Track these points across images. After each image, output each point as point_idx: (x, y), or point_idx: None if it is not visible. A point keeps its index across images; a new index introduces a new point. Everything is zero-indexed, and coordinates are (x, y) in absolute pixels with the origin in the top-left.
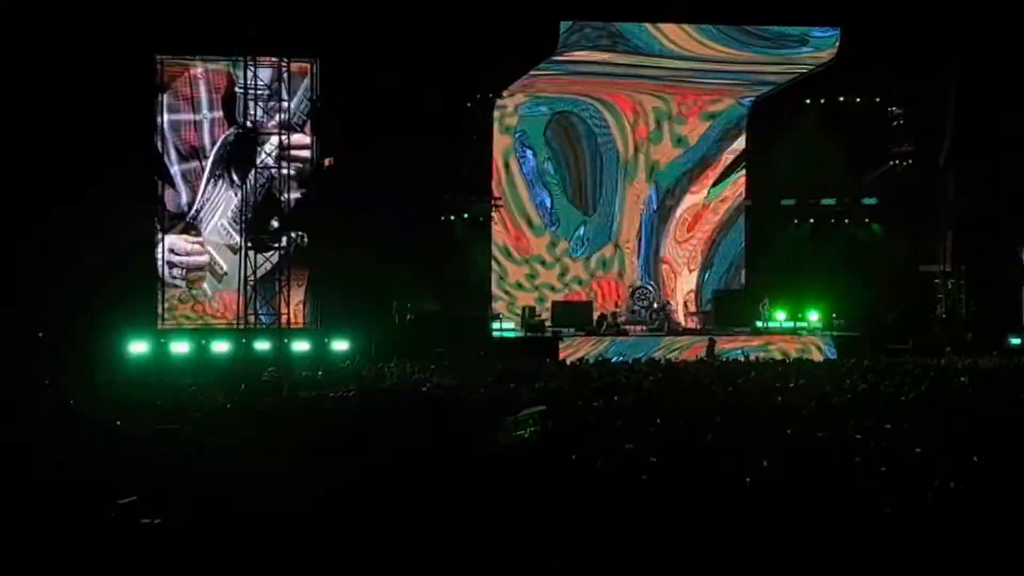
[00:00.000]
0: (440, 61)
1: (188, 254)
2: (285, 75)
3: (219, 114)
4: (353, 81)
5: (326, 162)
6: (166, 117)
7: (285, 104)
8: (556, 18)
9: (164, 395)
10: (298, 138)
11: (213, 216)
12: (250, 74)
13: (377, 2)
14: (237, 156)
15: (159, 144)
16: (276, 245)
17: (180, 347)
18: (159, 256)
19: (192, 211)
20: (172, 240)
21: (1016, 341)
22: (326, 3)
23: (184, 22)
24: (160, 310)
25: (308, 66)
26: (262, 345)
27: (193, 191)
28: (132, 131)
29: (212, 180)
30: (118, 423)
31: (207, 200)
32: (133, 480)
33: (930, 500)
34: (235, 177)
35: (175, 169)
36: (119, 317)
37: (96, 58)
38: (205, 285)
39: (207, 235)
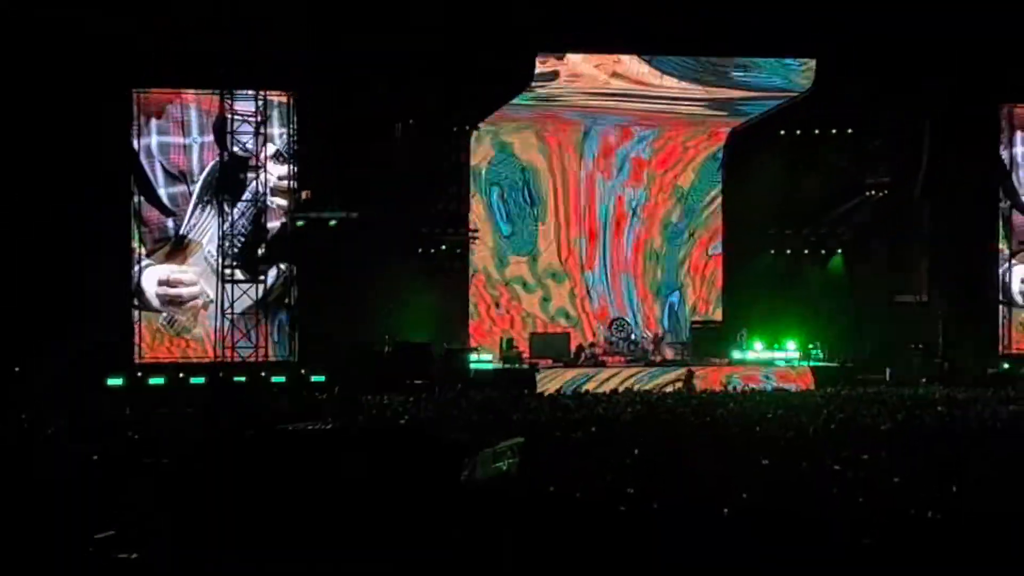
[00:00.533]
0: (417, 93)
1: (181, 284)
2: (262, 107)
3: (209, 139)
4: (330, 113)
5: (303, 195)
6: (155, 139)
7: (272, 132)
8: (532, 52)
9: (141, 427)
10: (285, 170)
11: (201, 242)
12: (235, 105)
13: (353, 35)
14: (226, 183)
15: (145, 166)
16: (262, 278)
17: (157, 380)
18: (141, 285)
19: (178, 236)
20: (163, 271)
21: (993, 370)
22: (303, 36)
23: (161, 55)
24: (138, 342)
25: (287, 98)
26: (239, 378)
27: (179, 215)
28: (112, 159)
29: (200, 206)
30: (95, 457)
31: (194, 226)
32: (111, 513)
33: (909, 530)
34: (224, 204)
35: (162, 191)
36: (97, 350)
37: (72, 91)
38: (190, 316)
39: (193, 262)
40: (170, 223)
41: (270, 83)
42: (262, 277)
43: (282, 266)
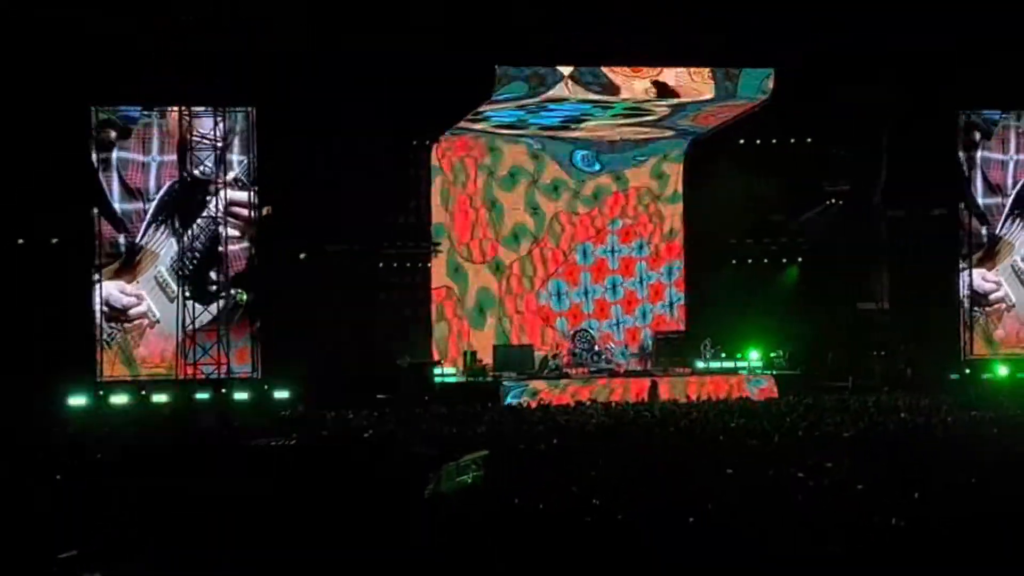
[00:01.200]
0: (376, 107)
1: (125, 307)
2: (222, 123)
3: (169, 158)
4: (291, 128)
5: (264, 211)
6: (115, 154)
7: (232, 156)
8: (491, 62)
9: (106, 447)
10: (243, 196)
11: (153, 262)
12: (195, 124)
13: (311, 50)
14: (182, 204)
15: (102, 179)
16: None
17: (120, 399)
18: (96, 303)
19: (129, 252)
20: (108, 289)
21: (955, 376)
22: (262, 52)
23: (119, 71)
24: (100, 359)
25: (248, 114)
26: (202, 395)
27: (132, 232)
28: (71, 175)
29: (154, 224)
30: (57, 477)
31: (146, 244)
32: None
33: (873, 537)
34: (178, 225)
35: (116, 206)
36: (58, 368)
37: (30, 107)
38: (135, 335)
39: (143, 281)
40: (122, 239)
41: (230, 99)
42: (219, 300)
43: (239, 291)
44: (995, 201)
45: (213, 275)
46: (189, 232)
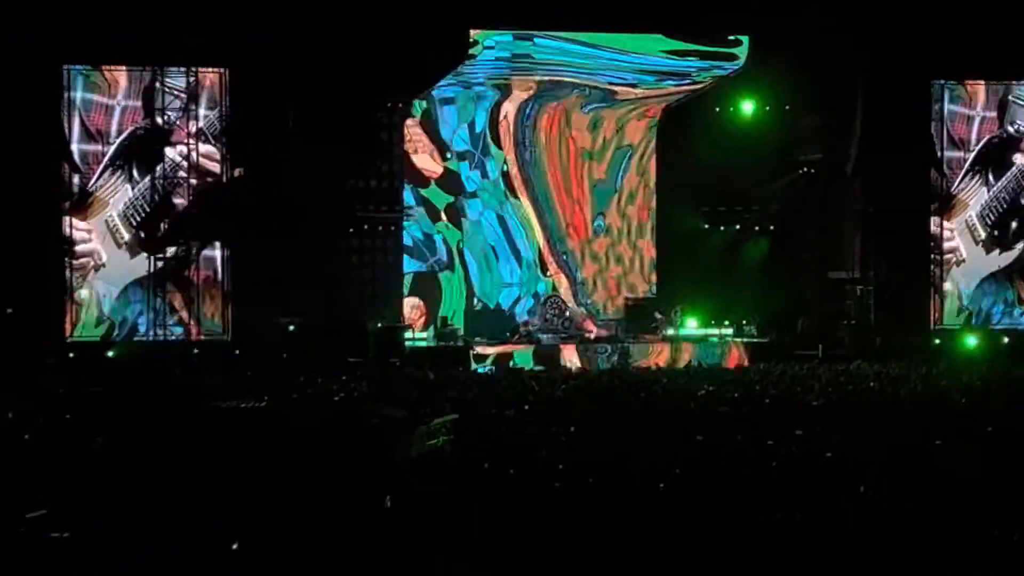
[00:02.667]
0: (349, 69)
1: (74, 240)
2: (193, 84)
3: (135, 103)
4: (263, 91)
5: (236, 172)
6: (79, 94)
7: (202, 112)
8: (466, 26)
9: (74, 406)
10: (209, 150)
11: (105, 207)
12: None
13: (286, 13)
14: (143, 151)
15: (64, 118)
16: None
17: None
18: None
19: (82, 195)
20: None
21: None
22: (234, 12)
23: (91, 30)
24: (70, 319)
25: (219, 75)
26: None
27: (87, 175)
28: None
29: (111, 168)
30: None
31: (100, 187)
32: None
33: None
34: (136, 172)
35: (74, 146)
36: (29, 327)
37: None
38: (84, 292)
39: (94, 223)
40: (76, 179)
41: (202, 60)
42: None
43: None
44: (956, 155)
45: (164, 226)
46: (145, 180)
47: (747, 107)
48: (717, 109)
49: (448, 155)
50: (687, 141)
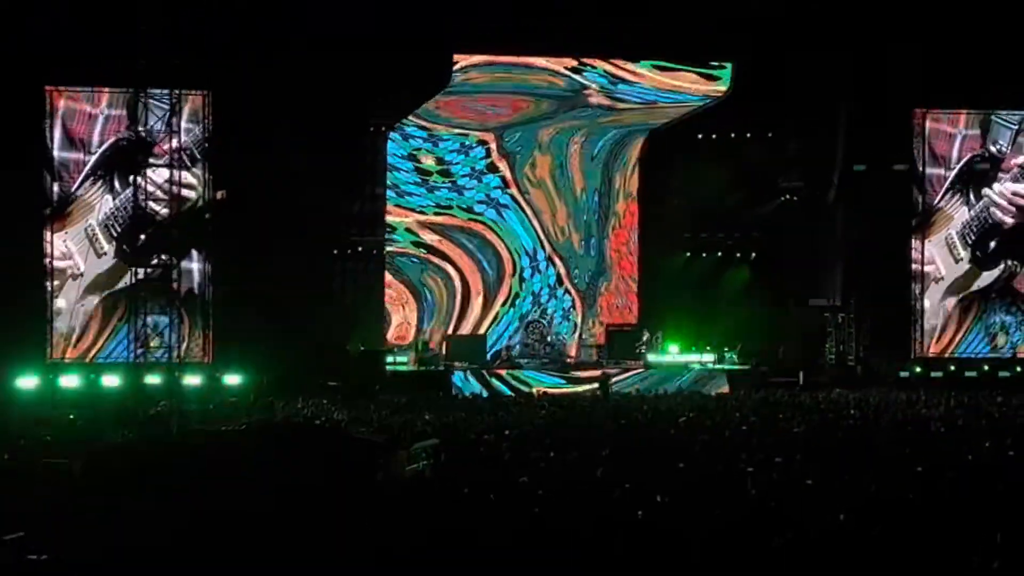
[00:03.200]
0: (334, 94)
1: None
2: (177, 103)
3: (118, 112)
4: (247, 113)
5: (218, 195)
6: (62, 102)
7: (184, 125)
8: (450, 52)
9: (53, 430)
10: (192, 171)
11: (85, 215)
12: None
13: (271, 37)
14: (125, 162)
15: (45, 126)
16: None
17: (70, 381)
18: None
19: (62, 203)
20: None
21: (905, 374)
22: (219, 35)
23: (76, 52)
24: (50, 340)
25: (202, 98)
26: (153, 379)
27: (67, 182)
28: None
29: (92, 178)
30: (5, 456)
31: (81, 196)
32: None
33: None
34: (117, 182)
35: (55, 154)
36: (6, 348)
37: None
38: (61, 302)
39: (72, 232)
40: (56, 188)
41: (185, 82)
42: (154, 264)
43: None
44: (937, 171)
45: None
46: (125, 192)
47: None
48: (699, 136)
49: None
50: (670, 168)
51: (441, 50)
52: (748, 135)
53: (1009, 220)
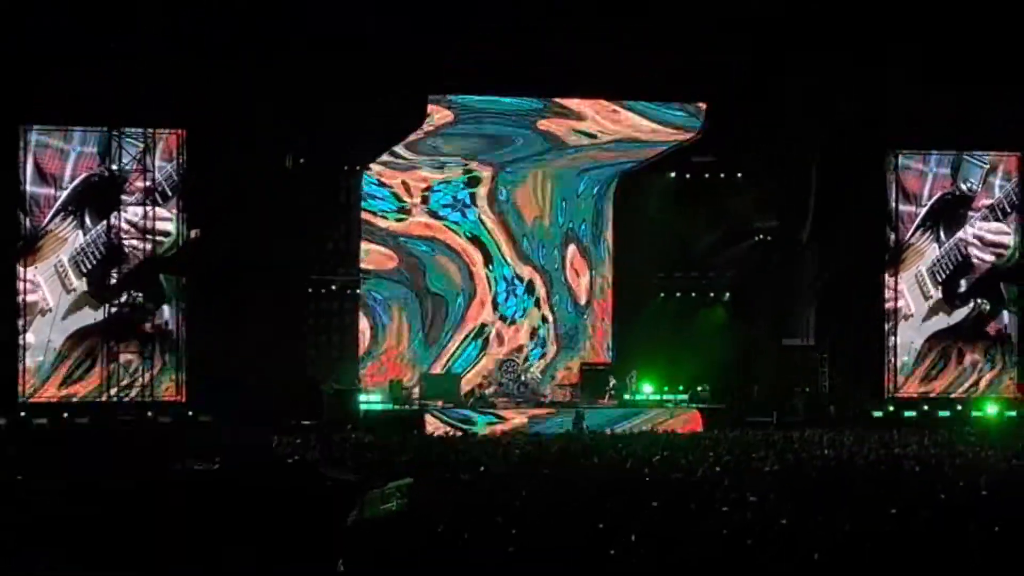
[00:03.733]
0: (307, 133)
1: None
2: (151, 143)
3: (91, 150)
4: (221, 152)
5: (192, 233)
6: (33, 136)
7: (157, 161)
8: (424, 92)
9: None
10: (160, 211)
11: (56, 250)
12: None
13: (246, 76)
14: (97, 198)
15: (20, 164)
16: (122, 302)
17: (41, 420)
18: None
19: (32, 238)
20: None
21: (878, 414)
22: (194, 75)
23: (50, 91)
24: (22, 379)
25: (176, 137)
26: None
27: (37, 217)
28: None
29: (63, 213)
30: None
31: (50, 231)
32: None
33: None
34: (88, 219)
35: (27, 188)
36: None
37: None
38: (30, 337)
39: (42, 267)
40: (27, 222)
41: (159, 121)
42: (121, 301)
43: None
44: (908, 209)
45: (114, 275)
46: (98, 227)
47: None
48: (672, 175)
49: None
50: (644, 208)
51: (415, 91)
52: (721, 175)
53: (982, 259)
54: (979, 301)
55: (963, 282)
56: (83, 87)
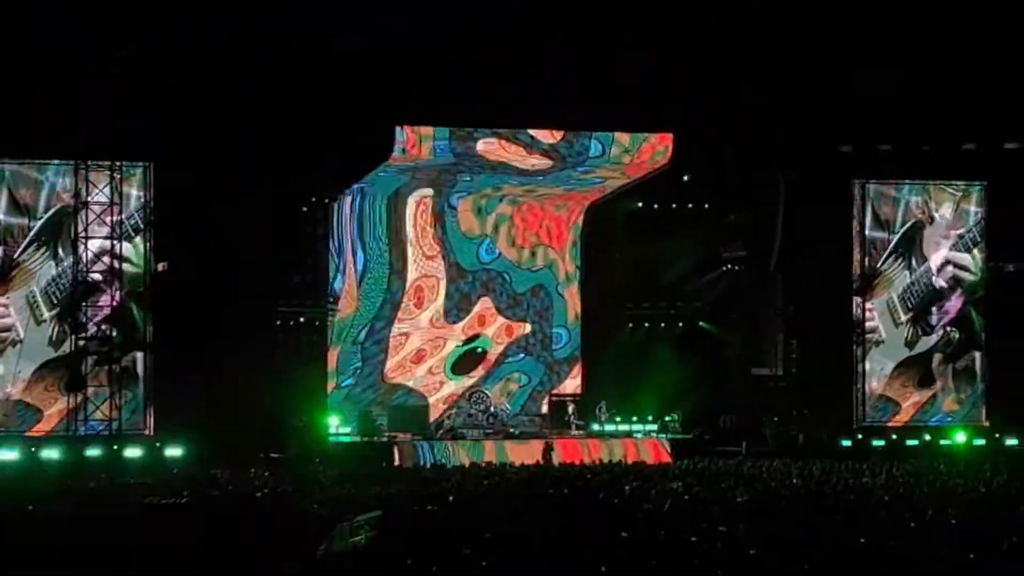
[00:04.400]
0: (275, 165)
1: None
2: (118, 177)
3: (62, 181)
4: (189, 184)
5: (160, 266)
6: (8, 166)
7: (130, 190)
8: (392, 123)
9: None
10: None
11: (27, 281)
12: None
13: (212, 108)
14: (68, 230)
15: None
16: (92, 335)
17: (9, 455)
18: None
19: (3, 268)
20: None
21: (847, 443)
22: (160, 108)
23: (18, 126)
24: None
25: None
26: (93, 452)
27: (10, 247)
28: None
29: (36, 243)
30: None
31: (22, 262)
32: None
33: None
34: (61, 250)
35: (1, 218)
36: None
37: None
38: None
39: (14, 297)
40: (1, 252)
41: (126, 154)
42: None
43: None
44: (881, 235)
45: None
46: (68, 259)
47: None
48: (640, 204)
49: None
50: (611, 238)
51: (384, 121)
52: (689, 206)
53: (951, 287)
54: (948, 329)
55: (933, 310)
56: (52, 120)
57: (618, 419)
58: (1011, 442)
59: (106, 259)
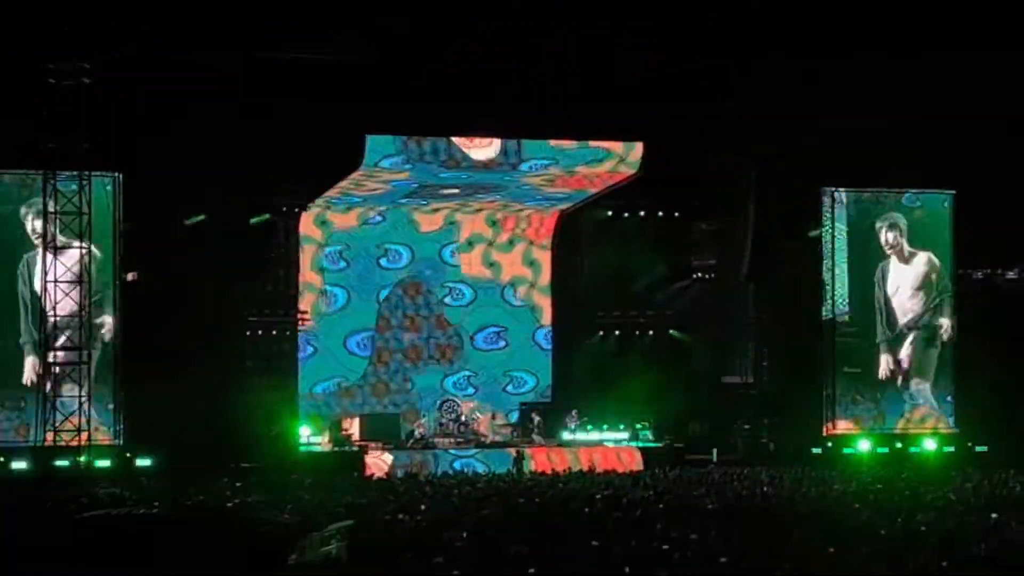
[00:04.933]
0: (243, 174)
1: None
2: (87, 187)
3: (31, 191)
4: (158, 194)
5: (129, 276)
6: None
7: (90, 215)
8: (361, 131)
9: None
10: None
11: None
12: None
13: (181, 116)
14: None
15: None
16: (60, 346)
17: None
18: None
19: None
20: None
21: (817, 450)
22: (128, 116)
23: None
24: None
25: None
26: (62, 463)
27: None
28: None
29: None
30: None
31: None
32: None
33: None
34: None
35: None
36: None
37: None
38: None
39: None
40: None
41: (94, 164)
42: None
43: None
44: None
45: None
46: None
47: None
48: (610, 213)
49: None
50: (582, 247)
51: (352, 131)
52: (660, 214)
53: (919, 295)
54: (917, 335)
55: (902, 317)
56: (19, 130)
57: (589, 427)
58: (981, 448)
59: (76, 269)
